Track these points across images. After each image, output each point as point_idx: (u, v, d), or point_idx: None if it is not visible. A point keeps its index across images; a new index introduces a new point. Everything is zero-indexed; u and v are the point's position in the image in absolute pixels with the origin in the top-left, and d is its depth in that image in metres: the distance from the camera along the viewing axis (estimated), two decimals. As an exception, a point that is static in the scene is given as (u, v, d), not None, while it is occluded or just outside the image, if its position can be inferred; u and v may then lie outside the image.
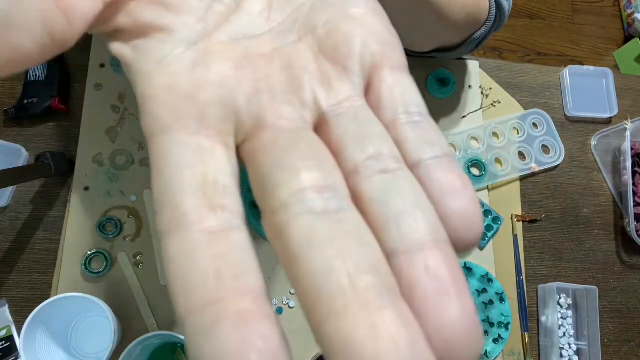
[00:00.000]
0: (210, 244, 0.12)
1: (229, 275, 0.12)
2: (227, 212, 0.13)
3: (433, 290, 0.11)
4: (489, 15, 0.58)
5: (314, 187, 0.12)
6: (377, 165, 0.13)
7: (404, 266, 0.12)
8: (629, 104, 0.78)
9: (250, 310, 0.11)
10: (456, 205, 0.13)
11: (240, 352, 0.11)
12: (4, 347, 0.56)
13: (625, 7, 1.93)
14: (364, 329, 0.11)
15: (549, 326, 0.65)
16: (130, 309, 0.60)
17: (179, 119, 0.13)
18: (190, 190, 0.12)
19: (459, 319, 0.11)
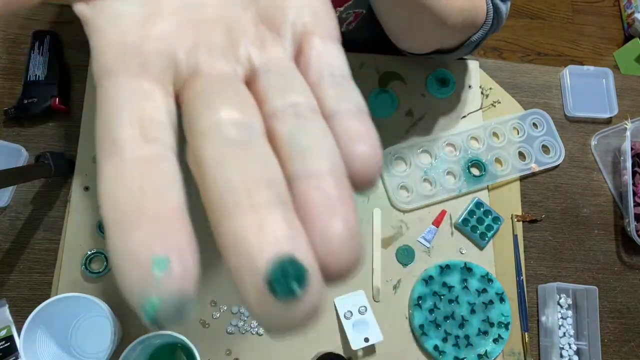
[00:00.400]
0: (140, 167, 0.13)
1: (152, 193, 0.13)
2: (160, 144, 0.14)
3: (321, 206, 0.13)
4: (487, 18, 0.58)
5: (231, 121, 0.14)
6: (293, 111, 0.15)
7: (300, 187, 0.14)
8: (629, 104, 0.78)
9: (166, 216, 0.13)
10: (359, 149, 0.15)
11: (148, 245, 0.12)
12: (4, 347, 0.56)
13: (625, 7, 1.93)
14: (252, 226, 0.12)
15: (549, 326, 0.65)
16: (130, 309, 0.60)
17: (124, 66, 0.15)
18: (127, 123, 0.14)
19: (342, 230, 0.13)
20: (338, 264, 0.13)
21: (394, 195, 0.67)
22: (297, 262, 0.12)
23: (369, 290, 0.64)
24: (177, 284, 0.12)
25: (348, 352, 0.62)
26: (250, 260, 0.12)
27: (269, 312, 0.12)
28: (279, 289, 0.12)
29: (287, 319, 0.12)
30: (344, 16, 0.68)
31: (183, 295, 0.12)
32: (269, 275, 0.12)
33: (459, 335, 0.63)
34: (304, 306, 0.12)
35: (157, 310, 0.12)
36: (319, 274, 0.13)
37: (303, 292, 0.12)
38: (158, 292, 0.12)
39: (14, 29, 0.68)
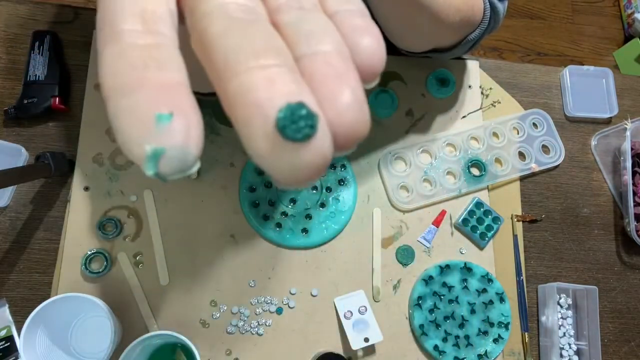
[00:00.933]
0: (141, 47, 0.13)
1: (154, 66, 0.13)
2: (162, 35, 0.14)
3: (330, 75, 0.14)
4: (484, 17, 0.58)
5: (235, 3, 0.14)
6: (297, 4, 0.15)
7: (308, 62, 0.14)
8: (629, 104, 0.78)
9: (169, 83, 0.13)
10: (364, 41, 0.15)
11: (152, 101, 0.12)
12: (4, 347, 0.56)
13: (625, 7, 1.93)
14: (262, 80, 0.13)
15: (549, 326, 0.65)
16: (130, 309, 0.60)
17: None
18: (129, 14, 0.14)
19: (350, 96, 0.14)
20: (345, 129, 0.14)
21: (394, 195, 0.67)
22: (306, 107, 0.12)
23: (369, 290, 0.64)
24: (181, 137, 0.12)
25: (348, 352, 0.62)
26: (261, 109, 0.12)
27: (279, 157, 0.12)
28: (289, 130, 0.12)
29: (297, 164, 0.13)
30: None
31: (187, 151, 0.12)
32: (279, 118, 0.12)
33: (459, 335, 0.63)
34: (313, 152, 0.13)
35: (160, 159, 0.12)
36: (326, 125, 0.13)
37: (313, 134, 0.12)
38: (161, 143, 0.12)
39: (14, 29, 0.68)
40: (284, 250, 0.64)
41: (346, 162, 0.67)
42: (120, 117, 0.12)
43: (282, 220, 0.64)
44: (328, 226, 0.65)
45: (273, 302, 0.62)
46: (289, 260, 0.64)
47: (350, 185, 0.67)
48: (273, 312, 0.62)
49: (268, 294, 0.63)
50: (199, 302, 0.61)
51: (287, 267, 0.64)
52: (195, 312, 0.61)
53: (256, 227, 0.63)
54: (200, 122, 0.13)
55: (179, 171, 0.13)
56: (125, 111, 0.12)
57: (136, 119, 0.12)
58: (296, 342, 0.62)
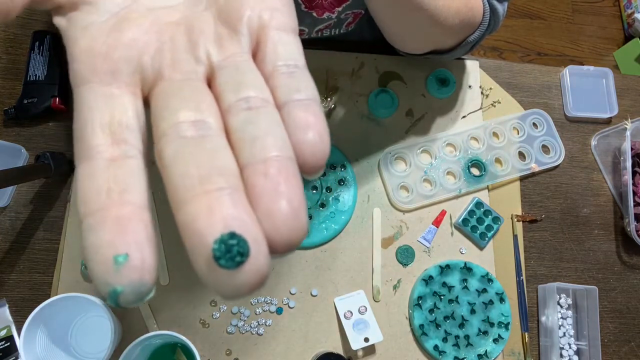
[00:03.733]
0: (108, 168, 0.15)
1: (117, 190, 0.15)
2: (128, 145, 0.16)
3: (266, 189, 0.15)
4: (483, 19, 0.58)
5: (188, 122, 0.16)
6: (245, 104, 0.16)
7: (249, 173, 0.15)
8: (629, 104, 0.78)
9: (127, 216, 0.15)
10: (306, 137, 0.16)
11: (111, 242, 0.14)
12: (4, 347, 0.56)
13: (625, 7, 1.93)
14: (203, 210, 0.14)
15: (549, 326, 0.65)
16: (130, 309, 0.60)
17: (95, 73, 0.17)
18: (98, 128, 0.16)
19: (285, 209, 0.15)
20: (281, 239, 0.15)
21: (394, 195, 0.67)
22: (237, 236, 0.14)
23: (369, 290, 0.64)
24: (136, 275, 0.14)
25: (348, 352, 0.62)
26: (200, 240, 0.14)
27: (218, 280, 0.14)
28: (222, 260, 0.14)
29: (233, 284, 0.14)
30: (343, 17, 0.68)
31: (142, 284, 0.14)
32: (214, 249, 0.14)
33: (459, 335, 0.63)
34: (247, 274, 0.14)
35: (118, 296, 0.14)
36: (263, 243, 0.14)
37: (245, 261, 0.14)
38: (119, 283, 0.14)
39: (14, 29, 0.68)
40: (284, 250, 0.64)
41: (346, 162, 0.67)
42: (88, 254, 0.14)
43: (282, 220, 0.64)
44: (328, 226, 0.65)
45: (273, 302, 0.62)
46: (289, 260, 0.64)
47: (350, 185, 0.67)
48: (273, 312, 0.62)
49: (268, 294, 0.63)
50: (199, 302, 0.61)
51: (287, 267, 0.64)
52: (195, 312, 0.61)
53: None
54: (154, 250, 0.15)
55: (136, 302, 0.14)
56: (90, 249, 0.14)
57: (99, 260, 0.14)
58: (296, 342, 0.62)
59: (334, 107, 0.70)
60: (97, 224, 0.15)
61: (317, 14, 0.65)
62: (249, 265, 0.14)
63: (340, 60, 0.72)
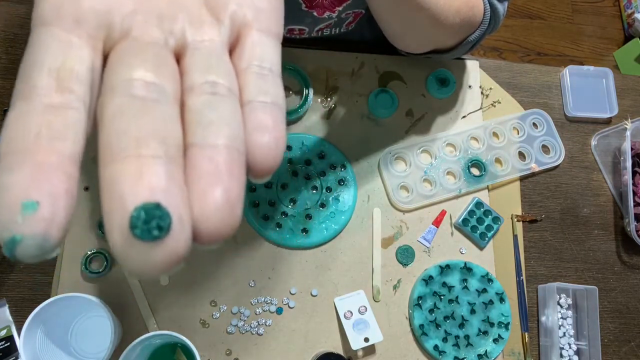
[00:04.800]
0: (45, 112, 0.14)
1: (47, 136, 0.14)
2: (73, 95, 0.15)
3: (206, 173, 0.14)
4: (484, 19, 0.58)
5: (142, 81, 0.15)
6: (211, 88, 0.16)
7: (193, 154, 0.14)
8: (629, 104, 0.78)
9: (51, 164, 0.13)
10: (261, 139, 0.16)
11: (23, 186, 0.13)
12: (4, 347, 0.56)
13: (625, 7, 1.93)
14: (132, 173, 0.13)
15: (549, 326, 0.65)
16: (130, 309, 0.60)
17: (59, 18, 0.16)
18: (45, 71, 0.15)
19: (220, 198, 0.14)
20: (209, 228, 0.14)
21: (394, 195, 0.67)
22: (161, 208, 0.13)
23: (369, 290, 0.64)
24: (41, 227, 0.13)
25: (348, 352, 0.62)
26: (121, 203, 0.13)
27: (130, 253, 0.13)
28: (139, 230, 0.13)
29: (146, 261, 0.13)
30: (343, 16, 0.68)
31: (45, 238, 0.13)
32: (132, 217, 0.13)
33: (459, 335, 0.63)
34: (163, 251, 0.13)
35: (16, 246, 0.13)
36: (187, 225, 0.13)
37: (164, 236, 0.13)
38: (20, 231, 0.13)
39: (14, 29, 0.68)
40: (284, 250, 0.64)
41: (346, 162, 0.67)
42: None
43: (282, 220, 0.64)
44: (328, 226, 0.65)
45: (273, 302, 0.62)
46: (289, 260, 0.64)
47: (350, 185, 0.67)
48: (273, 312, 0.62)
49: (268, 294, 0.63)
50: (199, 302, 0.61)
51: (287, 267, 0.64)
52: (195, 312, 0.61)
53: (256, 227, 0.63)
54: (69, 207, 0.14)
55: (35, 257, 0.13)
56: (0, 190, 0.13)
57: (5, 203, 0.13)
58: (296, 342, 0.62)
59: (334, 107, 0.70)
60: (14, 164, 0.13)
61: (318, 14, 0.65)
62: (166, 242, 0.13)
63: (340, 60, 0.72)
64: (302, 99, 0.68)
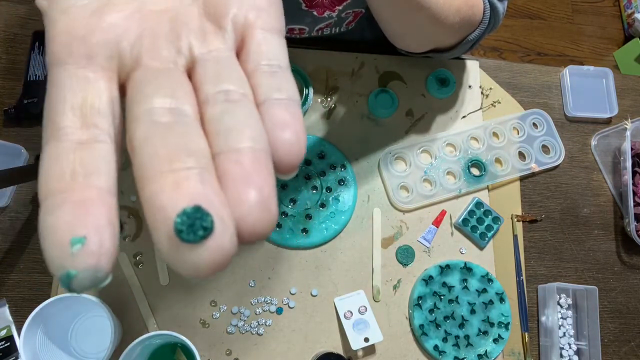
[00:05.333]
0: (75, 150, 0.15)
1: (82, 173, 0.14)
2: (98, 129, 0.15)
3: (237, 176, 0.15)
4: (483, 18, 0.59)
5: (163, 108, 0.15)
6: (224, 96, 0.16)
7: (221, 161, 0.15)
8: (629, 104, 0.78)
9: (90, 199, 0.14)
10: (283, 135, 0.16)
11: (69, 224, 0.14)
12: (4, 347, 0.56)
13: (625, 7, 1.93)
14: (168, 186, 0.14)
15: (549, 326, 0.65)
16: (130, 309, 0.60)
17: (71, 55, 0.16)
18: (69, 109, 0.15)
19: (254, 197, 0.15)
20: (248, 227, 0.15)
21: (394, 195, 0.67)
22: (202, 210, 0.13)
23: (369, 290, 0.64)
24: (92, 260, 0.13)
25: (348, 352, 0.62)
26: (163, 214, 0.14)
27: (181, 258, 0.14)
28: (184, 233, 0.13)
29: (197, 262, 0.14)
30: (343, 16, 0.68)
31: (97, 269, 0.14)
32: (176, 222, 0.13)
33: (459, 335, 0.63)
34: (211, 250, 0.14)
35: (72, 280, 0.13)
36: (230, 223, 0.14)
37: (208, 236, 0.13)
38: (73, 266, 0.13)
39: (14, 29, 0.68)
40: (284, 250, 0.64)
41: (346, 162, 0.67)
42: (44, 235, 0.14)
43: (282, 220, 0.64)
44: (328, 226, 0.65)
45: (273, 302, 0.62)
46: (289, 260, 0.64)
47: (350, 185, 0.67)
48: (273, 312, 0.62)
49: (268, 294, 0.63)
50: (199, 302, 0.61)
51: (287, 267, 0.64)
52: (195, 312, 0.61)
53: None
54: (115, 236, 0.14)
55: (90, 287, 0.14)
56: (47, 230, 0.14)
57: (55, 241, 0.13)
58: (296, 342, 0.62)
59: (334, 107, 0.70)
60: (57, 206, 0.14)
61: (318, 13, 0.65)
62: (213, 241, 0.14)
63: (340, 60, 0.72)
64: (302, 99, 0.68)
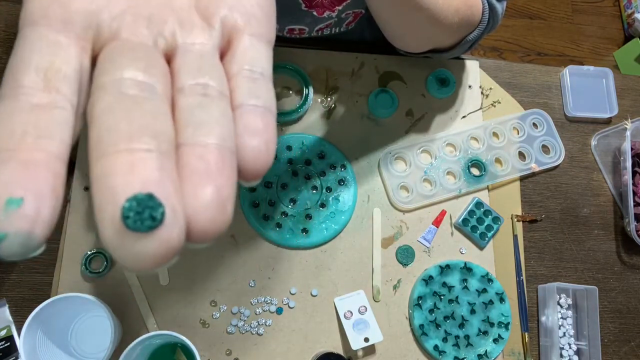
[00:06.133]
0: (32, 111, 0.14)
1: (33, 135, 0.14)
2: (60, 95, 0.15)
3: (198, 171, 0.14)
4: (482, 18, 0.59)
5: (133, 80, 0.15)
6: (202, 90, 0.16)
7: (185, 152, 0.14)
8: (629, 104, 0.78)
9: (37, 161, 0.13)
10: (252, 142, 0.16)
11: (8, 183, 0.13)
12: (4, 347, 0.56)
13: (625, 7, 1.93)
14: (123, 166, 0.13)
15: (549, 326, 0.65)
16: (130, 309, 0.60)
17: (46, 17, 0.16)
18: (33, 70, 0.15)
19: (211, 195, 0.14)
20: (199, 226, 0.14)
21: (394, 195, 0.67)
22: (154, 199, 0.13)
23: (369, 290, 0.64)
24: (25, 224, 0.13)
25: (348, 352, 0.62)
26: (112, 196, 0.13)
27: (123, 245, 0.13)
28: (131, 221, 0.12)
29: (140, 253, 0.13)
30: (343, 16, 0.68)
31: (29, 236, 0.13)
32: (124, 207, 0.12)
33: (459, 335, 0.63)
34: (157, 242, 0.13)
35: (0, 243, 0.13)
36: (180, 217, 0.13)
37: (156, 227, 0.13)
38: (3, 228, 0.12)
39: (14, 29, 0.68)
40: (284, 250, 0.64)
41: (346, 162, 0.67)
42: None
43: (282, 220, 0.64)
44: (328, 226, 0.65)
45: (273, 302, 0.62)
46: (289, 260, 0.64)
47: (350, 185, 0.67)
48: (273, 312, 0.62)
49: (268, 294, 0.63)
50: (199, 302, 0.61)
51: (287, 267, 0.64)
52: (195, 312, 0.61)
53: (256, 227, 0.63)
54: (56, 205, 0.13)
55: (19, 255, 0.13)
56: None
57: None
58: (296, 342, 0.62)
59: (334, 107, 0.70)
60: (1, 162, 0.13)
61: (318, 13, 0.65)
62: (160, 232, 0.13)
63: (340, 60, 0.72)
64: (302, 98, 0.68)
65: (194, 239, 0.14)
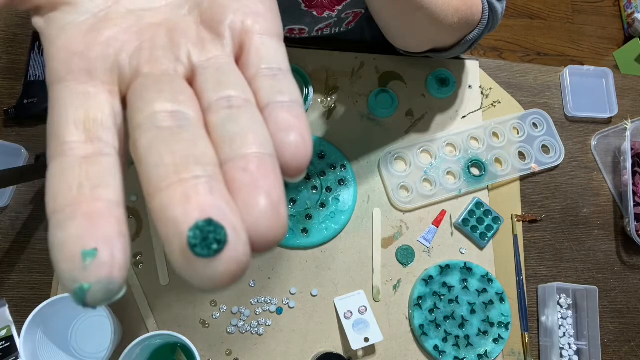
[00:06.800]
0: (81, 164, 0.15)
1: (89, 186, 0.14)
2: (102, 142, 0.16)
3: (245, 183, 0.15)
4: (482, 18, 0.59)
5: (165, 112, 0.15)
6: (226, 103, 0.16)
7: (228, 169, 0.15)
8: (629, 104, 0.78)
9: (99, 211, 0.14)
10: (289, 138, 0.16)
11: (79, 237, 0.13)
12: (4, 347, 0.56)
13: (625, 7, 1.93)
14: (179, 197, 0.14)
15: (549, 326, 0.65)
16: (130, 309, 0.60)
17: (71, 72, 0.17)
18: (72, 124, 0.16)
19: (264, 202, 0.14)
20: (259, 234, 0.14)
21: (394, 195, 0.67)
22: (214, 223, 0.13)
23: (369, 290, 0.64)
24: (104, 271, 0.13)
25: (348, 352, 0.62)
26: (175, 228, 0.13)
27: (194, 271, 0.14)
28: (198, 248, 0.13)
29: (210, 275, 0.14)
30: (343, 16, 0.68)
31: (110, 281, 0.14)
32: (189, 237, 0.13)
33: (459, 335, 0.63)
34: (226, 262, 0.13)
35: (85, 294, 0.13)
36: (242, 233, 0.14)
37: (222, 249, 0.13)
38: (86, 279, 0.13)
39: (14, 29, 0.68)
40: (284, 250, 0.64)
41: (346, 162, 0.67)
42: (54, 250, 0.14)
43: (282, 220, 0.64)
44: (328, 226, 0.65)
45: (273, 302, 0.62)
46: (289, 260, 0.64)
47: (350, 185, 0.67)
48: (273, 312, 0.62)
49: (268, 294, 0.63)
50: (199, 302, 0.61)
51: (287, 267, 0.64)
52: (195, 312, 0.61)
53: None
54: (126, 248, 0.14)
55: (105, 301, 0.14)
56: (57, 245, 0.14)
57: (65, 256, 0.13)
58: (296, 342, 0.62)
59: (334, 107, 0.70)
60: (65, 220, 0.14)
61: (318, 13, 0.65)
62: (227, 253, 0.13)
63: (340, 60, 0.72)
64: (302, 98, 0.67)
65: (258, 248, 0.15)
